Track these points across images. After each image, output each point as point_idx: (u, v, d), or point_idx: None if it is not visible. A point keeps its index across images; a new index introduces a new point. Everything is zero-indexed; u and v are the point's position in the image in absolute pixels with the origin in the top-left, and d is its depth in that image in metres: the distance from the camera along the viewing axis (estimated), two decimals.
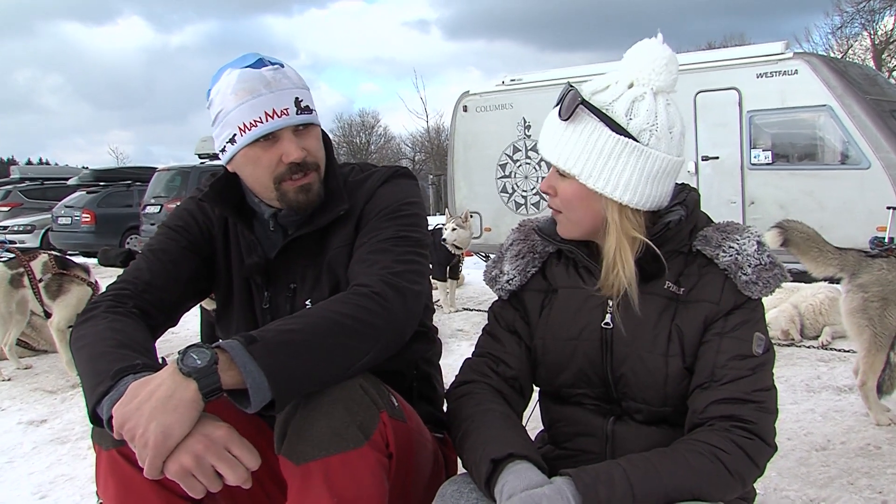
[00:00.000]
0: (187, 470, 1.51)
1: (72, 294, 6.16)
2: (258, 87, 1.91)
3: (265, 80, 1.92)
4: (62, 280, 6.20)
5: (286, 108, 1.93)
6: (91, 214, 18.57)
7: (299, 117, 1.95)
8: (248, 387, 1.54)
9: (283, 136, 1.94)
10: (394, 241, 1.93)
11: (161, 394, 1.52)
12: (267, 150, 1.94)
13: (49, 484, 3.95)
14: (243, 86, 1.92)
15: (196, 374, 1.53)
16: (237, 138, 1.94)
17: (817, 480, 3.51)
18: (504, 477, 1.57)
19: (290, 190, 1.97)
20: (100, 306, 1.91)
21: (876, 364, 4.26)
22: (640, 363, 1.76)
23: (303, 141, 1.97)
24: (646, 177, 1.72)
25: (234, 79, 1.93)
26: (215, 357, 1.55)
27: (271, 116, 1.91)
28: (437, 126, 46.85)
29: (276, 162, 1.95)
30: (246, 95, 1.91)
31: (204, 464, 1.52)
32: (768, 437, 1.66)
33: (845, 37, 33.31)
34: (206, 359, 1.55)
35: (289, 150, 1.94)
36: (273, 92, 1.92)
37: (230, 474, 1.53)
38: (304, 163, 1.96)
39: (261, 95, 1.91)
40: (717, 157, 10.57)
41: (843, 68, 10.38)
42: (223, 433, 1.55)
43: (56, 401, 5.60)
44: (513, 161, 12.37)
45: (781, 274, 1.76)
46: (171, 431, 1.50)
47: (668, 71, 1.75)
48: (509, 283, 1.94)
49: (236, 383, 1.56)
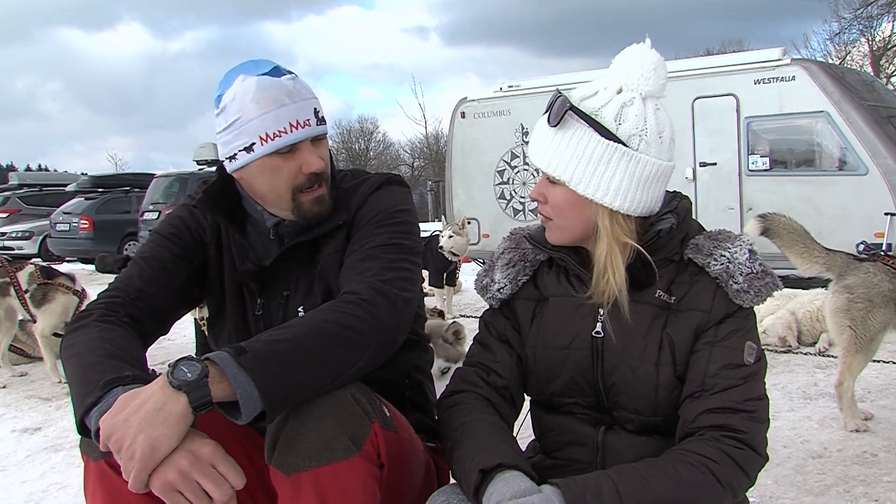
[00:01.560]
0: (172, 486, 1.50)
1: (56, 302, 6.29)
2: (281, 97, 1.89)
3: (287, 90, 1.90)
4: (47, 289, 6.33)
5: (308, 118, 1.92)
6: (89, 221, 18.56)
7: (319, 128, 1.95)
8: (239, 398, 1.53)
9: (303, 146, 1.93)
10: (384, 248, 1.92)
11: (150, 406, 1.51)
12: (287, 161, 1.93)
13: (42, 492, 3.94)
14: (265, 94, 1.89)
15: (186, 388, 1.52)
16: (256, 147, 1.91)
17: (813, 488, 3.50)
18: (493, 486, 1.55)
19: (306, 201, 1.97)
20: (91, 314, 1.90)
21: (854, 365, 4.30)
22: (630, 372, 1.75)
23: (319, 150, 1.97)
24: (636, 182, 1.71)
25: (254, 86, 1.89)
26: (206, 370, 1.54)
27: (295, 127, 1.90)
28: (435, 132, 47.02)
29: (295, 172, 1.94)
30: (270, 105, 1.88)
31: (189, 480, 1.50)
32: (759, 447, 1.65)
33: (843, 43, 33.34)
34: (196, 372, 1.53)
35: (309, 160, 1.93)
36: (296, 102, 1.91)
37: (215, 492, 1.52)
38: (322, 172, 1.96)
39: (284, 106, 1.89)
40: (715, 164, 10.58)
41: (840, 74, 10.40)
42: (210, 450, 1.54)
43: (51, 408, 5.60)
44: (510, 167, 12.38)
45: (773, 282, 1.75)
46: (158, 445, 1.49)
47: (657, 76, 1.74)
48: (500, 291, 1.93)
49: (227, 395, 1.54)
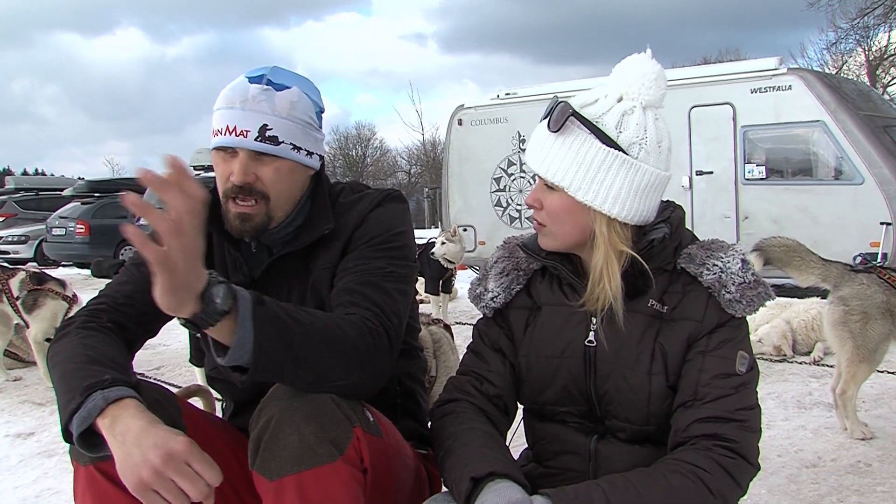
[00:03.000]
0: (147, 485, 1.49)
1: (46, 308, 6.33)
2: (234, 100, 1.91)
3: (244, 96, 1.91)
4: (37, 295, 6.36)
5: (247, 130, 1.89)
6: (85, 225, 18.51)
7: (256, 144, 1.90)
8: (234, 341, 1.52)
9: (239, 154, 1.91)
10: (382, 275, 1.90)
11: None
12: (225, 162, 1.94)
13: (35, 497, 3.93)
14: (228, 93, 1.93)
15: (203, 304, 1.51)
16: (212, 139, 1.95)
17: (807, 498, 3.50)
18: (484, 495, 1.55)
19: (231, 211, 1.94)
20: (74, 323, 1.91)
21: (859, 375, 4.31)
22: (623, 381, 1.75)
23: (258, 167, 1.92)
24: (635, 190, 1.72)
25: (231, 84, 1.95)
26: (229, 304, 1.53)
27: (230, 132, 1.89)
28: (432, 139, 47.12)
29: (227, 176, 1.93)
30: (223, 103, 1.92)
31: (164, 479, 1.49)
32: (751, 457, 1.65)
33: (840, 52, 33.45)
34: (222, 298, 1.52)
35: (234, 169, 1.91)
36: (244, 110, 1.90)
37: (191, 489, 1.50)
38: (251, 188, 1.92)
39: (232, 109, 1.90)
40: (712, 172, 10.60)
41: (836, 84, 10.44)
42: (183, 447, 1.53)
43: (45, 413, 5.57)
44: (507, 175, 12.39)
45: (766, 292, 1.76)
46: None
47: (658, 86, 1.75)
48: (494, 300, 1.93)
49: (227, 332, 1.54)
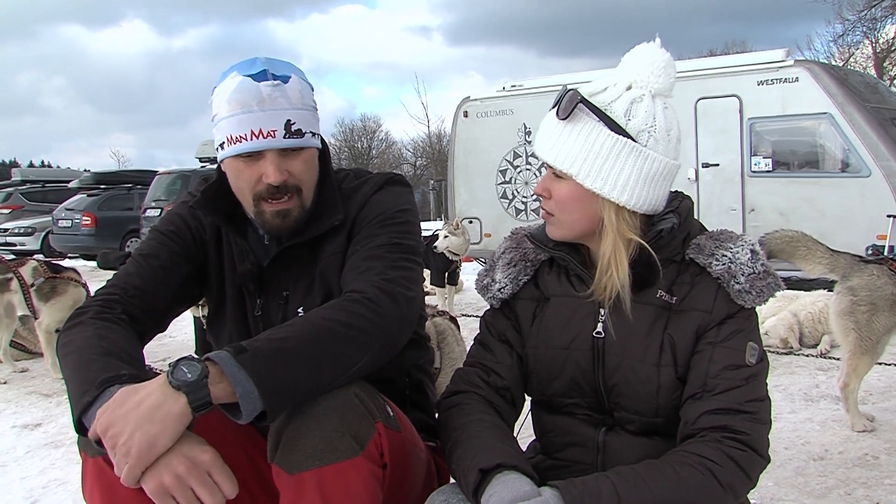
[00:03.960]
0: (166, 489, 1.49)
1: (67, 296, 6.22)
2: (250, 103, 1.87)
3: (259, 97, 1.87)
4: (55, 282, 6.24)
5: (273, 129, 1.88)
6: (91, 217, 18.56)
7: (285, 141, 1.90)
8: (239, 397, 1.52)
9: (267, 156, 1.90)
10: (387, 247, 1.91)
11: (149, 404, 1.51)
12: (249, 167, 1.91)
13: (41, 489, 3.94)
14: (237, 97, 1.88)
15: (186, 388, 1.51)
16: (225, 146, 1.92)
17: (814, 490, 3.49)
18: (492, 487, 1.55)
19: (267, 211, 1.94)
20: (87, 312, 1.89)
21: (860, 367, 4.30)
22: (631, 373, 1.74)
23: (287, 163, 1.93)
24: (644, 178, 1.71)
25: (233, 87, 1.88)
26: (206, 370, 1.53)
27: (256, 136, 1.87)
28: (438, 131, 47.08)
29: (256, 180, 1.92)
30: (237, 108, 1.87)
31: (184, 486, 1.50)
32: (761, 449, 1.64)
33: (847, 45, 33.28)
34: (196, 372, 1.52)
35: (269, 171, 1.90)
36: (264, 111, 1.87)
37: (208, 499, 1.51)
38: (285, 186, 1.92)
39: (251, 112, 1.87)
40: (718, 165, 10.57)
41: (844, 76, 10.38)
42: (208, 458, 1.53)
43: (51, 404, 5.59)
44: (513, 167, 12.37)
45: (775, 283, 1.74)
46: (155, 442, 1.48)
47: (667, 74, 1.74)
48: (501, 291, 1.92)
49: (227, 395, 1.54)
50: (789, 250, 4.43)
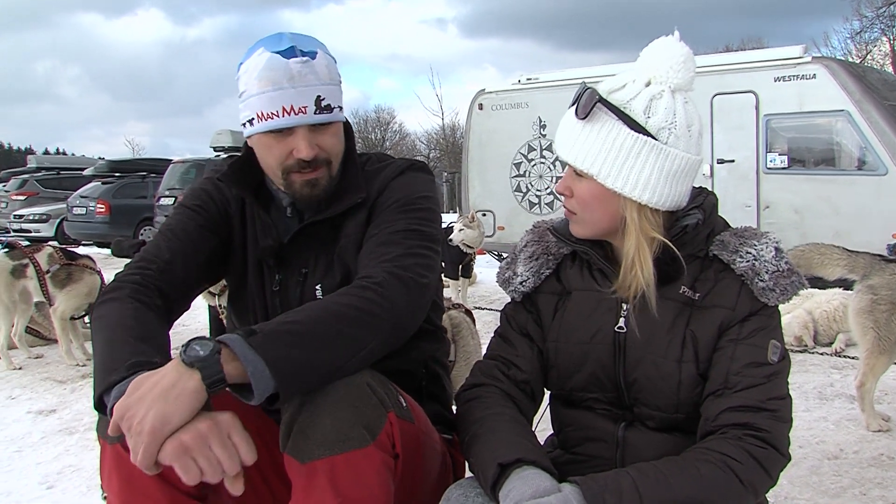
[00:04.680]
0: (187, 449, 1.47)
1: (82, 283, 6.23)
2: (281, 80, 1.88)
3: (290, 74, 1.89)
4: (71, 269, 6.25)
5: (304, 105, 1.90)
6: (106, 205, 18.63)
7: (317, 116, 1.92)
8: (250, 376, 1.52)
9: (298, 131, 1.92)
10: (404, 233, 1.91)
11: (163, 384, 1.50)
12: (279, 142, 1.93)
13: (56, 474, 3.96)
14: (268, 74, 1.89)
15: (199, 364, 1.51)
16: (255, 122, 1.93)
17: (829, 490, 3.48)
18: (511, 482, 1.54)
19: (297, 182, 1.96)
20: (124, 288, 1.89)
21: (878, 367, 4.27)
22: (653, 368, 1.73)
23: (318, 137, 1.95)
24: (665, 176, 1.69)
25: (263, 63, 1.89)
26: (217, 348, 1.53)
27: (288, 112, 1.89)
28: (452, 124, 46.96)
29: (286, 154, 1.94)
30: (268, 85, 1.89)
31: (205, 445, 1.47)
32: (782, 447, 1.63)
33: (864, 42, 33.13)
34: (208, 349, 1.53)
35: (300, 146, 1.92)
36: (295, 87, 1.89)
37: (227, 462, 1.49)
38: (315, 160, 1.94)
39: (282, 89, 1.88)
40: (733, 161, 10.50)
41: (861, 73, 10.29)
42: (227, 417, 1.52)
43: (66, 391, 5.62)
44: (527, 160, 12.33)
45: (799, 281, 1.73)
46: (169, 419, 1.46)
47: (686, 69, 1.72)
48: (523, 284, 1.92)
49: (239, 375, 1.53)
50: (804, 264, 4.40)
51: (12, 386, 5.80)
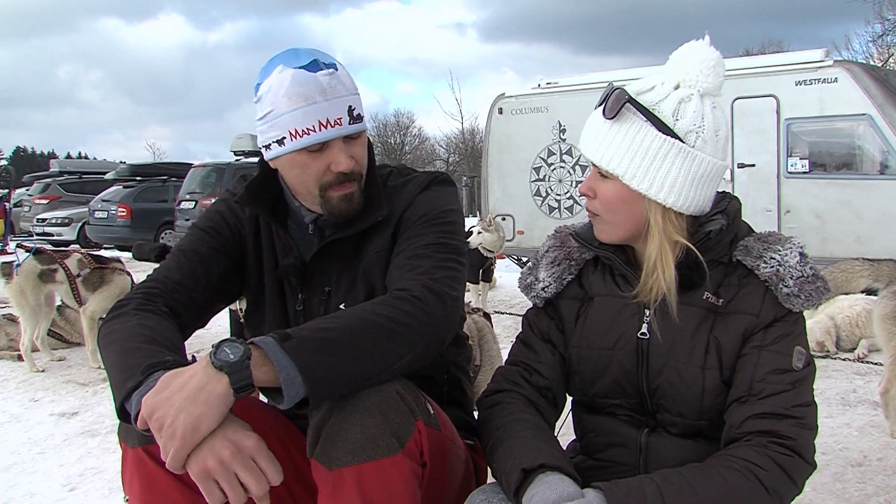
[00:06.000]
0: (210, 473, 1.49)
1: (114, 284, 6.38)
2: (313, 94, 1.86)
3: (321, 87, 1.87)
4: (103, 272, 6.40)
5: (339, 117, 1.88)
6: (127, 209, 18.80)
7: (351, 127, 1.91)
8: (282, 382, 1.52)
9: (334, 144, 1.90)
10: (434, 247, 1.90)
11: (192, 386, 1.51)
12: (316, 158, 1.91)
13: (79, 476, 3.99)
14: (298, 90, 1.86)
15: (228, 369, 1.52)
16: (286, 142, 1.90)
17: (853, 497, 3.45)
18: (534, 487, 1.54)
19: (335, 198, 1.94)
20: (129, 304, 1.90)
21: None
22: (676, 375, 1.72)
23: (351, 149, 1.94)
24: (691, 179, 1.69)
25: (288, 80, 1.87)
26: (248, 352, 1.54)
27: (325, 126, 1.87)
28: (471, 128, 47.06)
29: (324, 170, 1.92)
30: (300, 101, 1.86)
31: (228, 470, 1.49)
32: (807, 454, 1.61)
33: (886, 45, 32.84)
34: (239, 353, 1.53)
35: (338, 159, 1.91)
36: (328, 100, 1.87)
37: (253, 485, 1.51)
38: (352, 171, 1.93)
39: (315, 103, 1.86)
40: (754, 165, 10.44)
41: (883, 77, 10.21)
42: (253, 443, 1.53)
43: (88, 393, 5.66)
44: (547, 164, 12.30)
45: (824, 287, 1.72)
46: (199, 424, 1.48)
47: (716, 73, 1.72)
48: (545, 290, 1.91)
49: (270, 380, 1.54)
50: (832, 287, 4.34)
51: (35, 388, 5.85)
